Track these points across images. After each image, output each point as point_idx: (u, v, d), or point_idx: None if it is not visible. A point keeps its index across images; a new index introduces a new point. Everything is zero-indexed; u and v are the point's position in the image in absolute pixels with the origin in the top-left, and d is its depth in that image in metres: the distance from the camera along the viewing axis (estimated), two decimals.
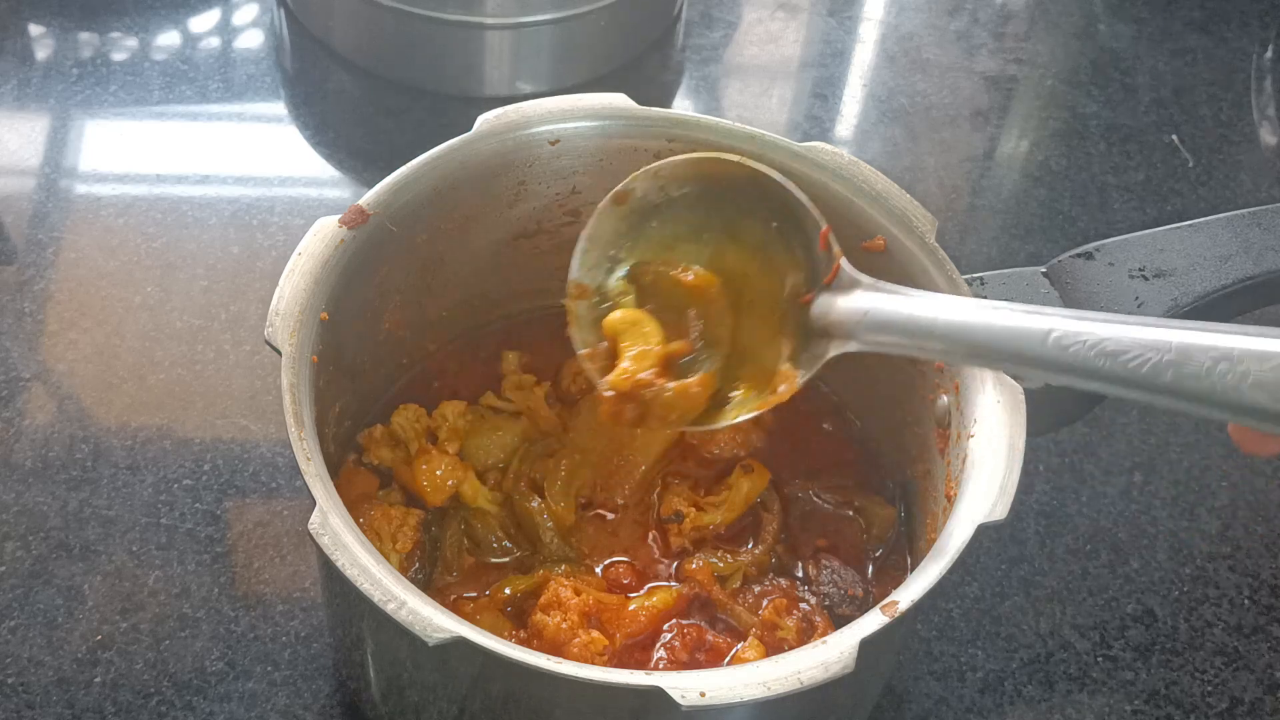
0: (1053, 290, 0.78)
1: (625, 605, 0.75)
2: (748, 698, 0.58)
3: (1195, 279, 0.77)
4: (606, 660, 0.72)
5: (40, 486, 0.88)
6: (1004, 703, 0.84)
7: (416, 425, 0.80)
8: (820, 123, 1.21)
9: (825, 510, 0.80)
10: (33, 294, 0.99)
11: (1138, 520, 0.93)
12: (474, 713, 0.67)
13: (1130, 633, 0.88)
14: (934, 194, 1.15)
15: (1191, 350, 0.56)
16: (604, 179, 0.83)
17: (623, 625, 0.74)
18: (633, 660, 0.74)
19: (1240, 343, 0.55)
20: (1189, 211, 1.15)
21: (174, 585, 0.84)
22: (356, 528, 0.63)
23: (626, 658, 0.74)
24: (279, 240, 1.04)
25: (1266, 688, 0.86)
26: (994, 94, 1.25)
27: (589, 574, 0.77)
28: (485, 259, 0.84)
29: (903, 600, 0.63)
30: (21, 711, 0.78)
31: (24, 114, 1.12)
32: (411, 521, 0.76)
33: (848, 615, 0.74)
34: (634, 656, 0.74)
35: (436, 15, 1.11)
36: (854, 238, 0.79)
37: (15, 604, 0.82)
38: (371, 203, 0.75)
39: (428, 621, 0.59)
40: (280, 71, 1.19)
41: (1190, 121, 1.24)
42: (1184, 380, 0.56)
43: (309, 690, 0.80)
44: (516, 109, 0.80)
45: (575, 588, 0.73)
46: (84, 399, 0.93)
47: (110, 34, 1.20)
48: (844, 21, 1.31)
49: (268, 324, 0.69)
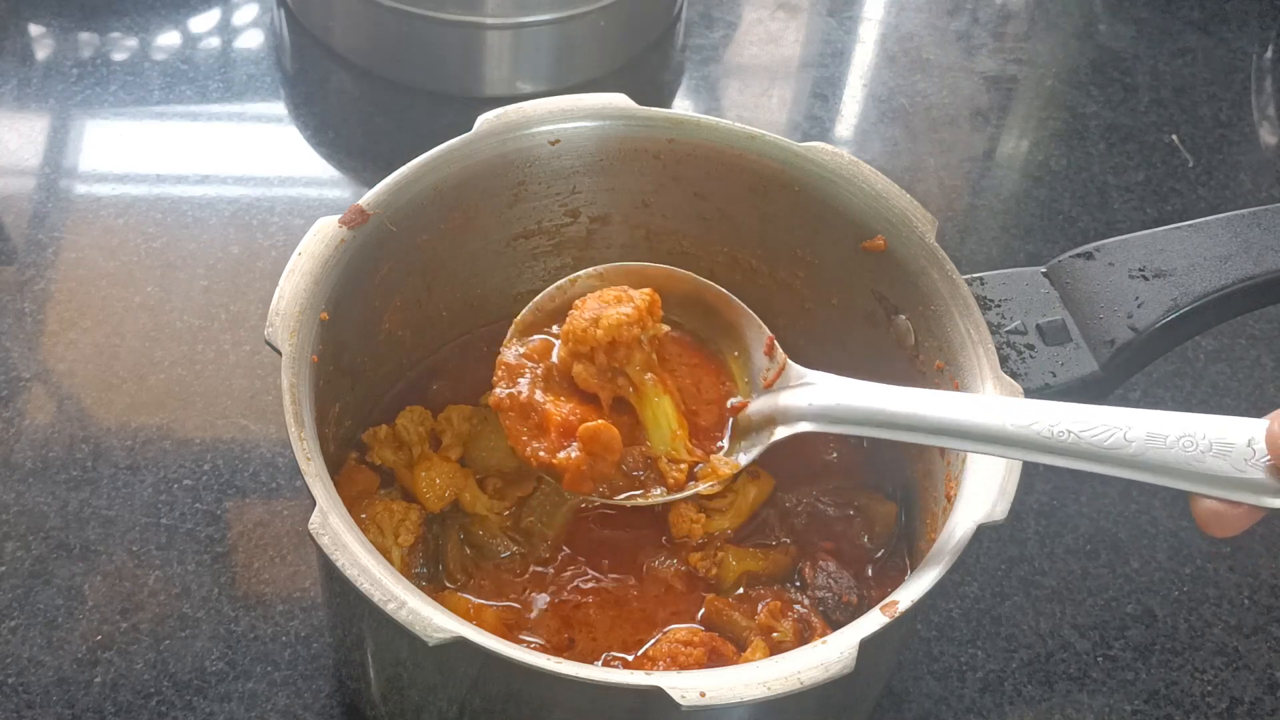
0: (1053, 290, 0.78)
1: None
2: (748, 698, 0.58)
3: (1195, 279, 0.77)
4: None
5: (40, 486, 0.88)
6: (1004, 703, 0.84)
7: (420, 428, 0.80)
8: (820, 123, 1.21)
9: (827, 513, 0.80)
10: (33, 294, 0.99)
11: (1138, 520, 0.93)
12: (474, 713, 0.67)
13: (1130, 633, 0.88)
14: (934, 194, 1.15)
15: (1154, 425, 0.59)
16: (604, 179, 0.83)
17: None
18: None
19: (1199, 421, 0.59)
20: (1189, 211, 1.15)
21: (174, 585, 0.84)
22: (357, 528, 0.63)
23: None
24: (279, 240, 1.04)
25: (1266, 688, 0.86)
26: (994, 94, 1.25)
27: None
28: (485, 259, 0.84)
29: (903, 600, 0.63)
30: (21, 711, 0.78)
31: (24, 114, 1.12)
32: (414, 516, 0.76)
33: (842, 621, 0.74)
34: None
35: (436, 15, 1.11)
36: (854, 238, 0.79)
37: (15, 604, 0.82)
38: (371, 203, 0.75)
39: (428, 621, 0.59)
40: (280, 71, 1.19)
41: (1190, 121, 1.24)
42: (1147, 452, 0.59)
43: (309, 690, 0.80)
44: (516, 109, 0.80)
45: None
46: (84, 399, 0.93)
47: (110, 34, 1.20)
48: (844, 21, 1.31)
49: (268, 324, 0.69)
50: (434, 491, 0.78)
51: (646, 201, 0.84)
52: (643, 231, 0.86)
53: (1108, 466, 0.60)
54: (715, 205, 0.84)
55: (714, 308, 0.78)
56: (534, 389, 0.73)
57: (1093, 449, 0.60)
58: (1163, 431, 0.59)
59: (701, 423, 0.75)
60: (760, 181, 0.81)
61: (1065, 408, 0.62)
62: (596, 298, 0.74)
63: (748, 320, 0.77)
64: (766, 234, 0.83)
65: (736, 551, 0.78)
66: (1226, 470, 0.58)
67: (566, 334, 0.73)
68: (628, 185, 0.84)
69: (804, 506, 0.80)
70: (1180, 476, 0.59)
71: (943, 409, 0.65)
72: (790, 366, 0.74)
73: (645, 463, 0.73)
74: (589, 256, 0.87)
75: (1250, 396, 1.01)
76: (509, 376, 0.74)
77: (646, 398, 0.73)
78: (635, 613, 0.76)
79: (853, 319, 0.82)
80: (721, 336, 0.78)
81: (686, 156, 0.82)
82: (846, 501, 0.81)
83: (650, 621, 0.76)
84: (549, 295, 0.77)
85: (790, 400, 0.72)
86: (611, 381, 0.73)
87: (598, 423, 0.71)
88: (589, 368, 0.73)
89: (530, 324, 0.76)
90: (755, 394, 0.75)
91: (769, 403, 0.73)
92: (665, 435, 0.73)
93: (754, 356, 0.76)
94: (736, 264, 0.86)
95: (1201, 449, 0.58)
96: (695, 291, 0.78)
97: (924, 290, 0.76)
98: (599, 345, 0.72)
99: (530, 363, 0.74)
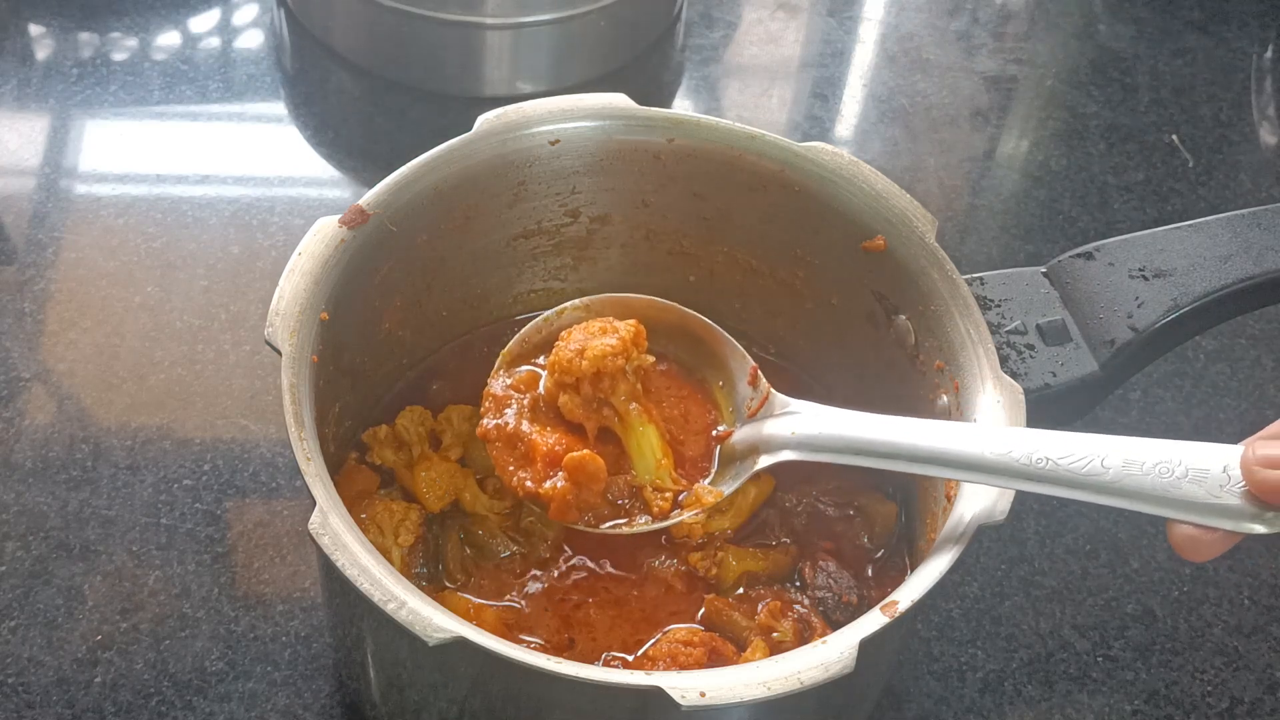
0: (1053, 290, 0.78)
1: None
2: (748, 698, 0.58)
3: (1195, 279, 0.77)
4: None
5: (40, 486, 0.88)
6: (1004, 703, 0.84)
7: (420, 428, 0.80)
8: (820, 123, 1.21)
9: (827, 513, 0.80)
10: (33, 294, 0.99)
11: (1138, 520, 0.93)
12: (474, 713, 0.67)
13: (1130, 633, 0.88)
14: (934, 194, 1.15)
15: (1130, 452, 0.60)
16: (604, 179, 0.83)
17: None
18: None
19: (1175, 448, 0.60)
20: (1189, 211, 1.15)
21: (174, 585, 0.84)
22: (357, 528, 0.63)
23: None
24: (279, 240, 1.04)
25: (1266, 688, 0.86)
26: (994, 94, 1.25)
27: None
28: (485, 259, 0.84)
29: (903, 600, 0.63)
30: (21, 711, 0.78)
31: (24, 114, 1.12)
32: (414, 516, 0.76)
33: (842, 621, 0.74)
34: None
35: (436, 15, 1.11)
36: (854, 238, 0.79)
37: (15, 604, 0.82)
38: (371, 203, 0.75)
39: (428, 621, 0.59)
40: (280, 71, 1.19)
41: (1190, 121, 1.24)
42: (1124, 479, 0.60)
43: (309, 690, 0.80)
44: (516, 109, 0.80)
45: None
46: (84, 399, 0.93)
47: (110, 34, 1.20)
48: (844, 21, 1.31)
49: (268, 324, 0.69)
50: (434, 491, 0.78)
51: (646, 201, 0.84)
52: (643, 231, 0.86)
53: (1086, 493, 0.61)
54: (715, 205, 0.84)
55: (699, 338, 0.79)
56: (520, 419, 0.74)
57: (1070, 476, 0.61)
58: (1139, 458, 0.60)
59: (688, 451, 0.76)
60: (760, 181, 0.81)
61: (1044, 435, 0.63)
62: (582, 329, 0.75)
63: (731, 350, 0.78)
64: (766, 234, 0.83)
65: (736, 551, 0.78)
66: (1202, 496, 0.59)
67: (553, 365, 0.74)
68: (628, 185, 0.84)
69: (804, 506, 0.80)
70: (1157, 502, 0.60)
71: (923, 438, 0.66)
72: (774, 396, 0.75)
73: (630, 491, 0.74)
74: (589, 256, 0.87)
75: (1250, 396, 1.01)
76: (496, 407, 0.75)
77: (631, 427, 0.74)
78: (635, 613, 0.76)
79: (853, 319, 0.82)
80: (706, 366, 0.79)
81: (686, 156, 0.82)
82: (846, 501, 0.81)
83: (650, 621, 0.76)
84: (535, 327, 0.78)
85: (774, 429, 0.73)
86: (597, 412, 0.74)
87: (583, 453, 0.72)
88: (574, 398, 0.74)
89: (517, 355, 0.78)
90: (739, 423, 0.76)
91: (753, 431, 0.75)
92: (650, 464, 0.74)
93: (738, 386, 0.77)
94: (736, 264, 0.86)
95: (1177, 475, 0.59)
96: (680, 322, 0.79)
97: (924, 290, 0.76)
98: (584, 376, 0.73)
99: (517, 393, 0.76)
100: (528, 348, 0.78)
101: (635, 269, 0.87)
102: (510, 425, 0.74)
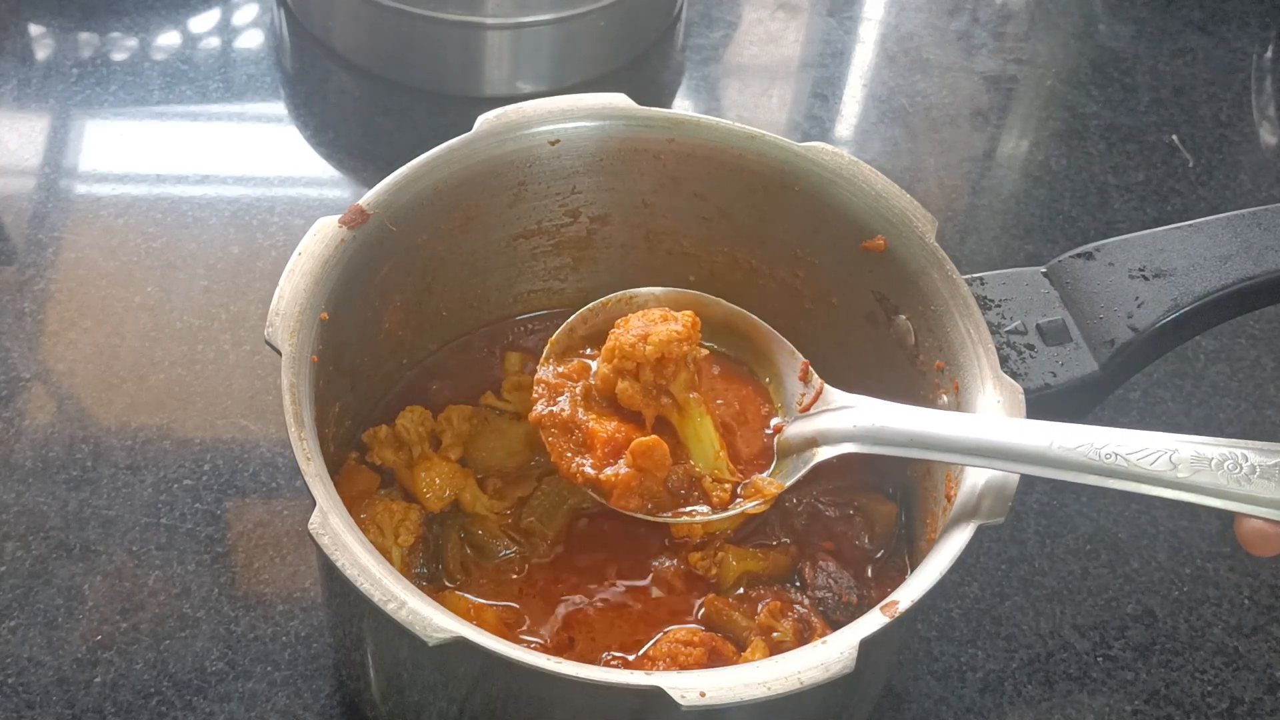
0: (1053, 290, 0.78)
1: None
2: (748, 698, 0.58)
3: (1195, 279, 0.77)
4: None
5: (40, 486, 0.88)
6: (1004, 703, 0.84)
7: (420, 429, 0.80)
8: (820, 123, 1.21)
9: (827, 513, 0.80)
10: (33, 294, 0.99)
11: (1138, 520, 0.93)
12: (474, 713, 0.67)
13: (1130, 633, 0.88)
14: (934, 194, 1.15)
15: (1198, 449, 0.62)
16: (604, 179, 0.83)
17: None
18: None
19: (1241, 446, 0.61)
20: (1189, 211, 1.15)
21: (174, 585, 0.84)
22: (357, 528, 0.63)
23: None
24: (279, 240, 1.04)
25: (1266, 688, 0.86)
26: (994, 94, 1.25)
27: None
28: (485, 259, 0.84)
29: (903, 600, 0.63)
30: (21, 711, 0.78)
31: (24, 114, 1.12)
32: (414, 516, 0.76)
33: (842, 621, 0.74)
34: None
35: (436, 15, 1.11)
36: (854, 238, 0.79)
37: (15, 604, 0.82)
38: (371, 203, 0.75)
39: (428, 621, 0.59)
40: (280, 71, 1.19)
41: (1190, 121, 1.24)
42: (1196, 475, 0.61)
43: (309, 690, 0.80)
44: (516, 109, 0.80)
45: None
46: (84, 399, 0.93)
47: (110, 34, 1.20)
48: (844, 21, 1.31)
49: (268, 324, 0.69)
50: (434, 491, 0.78)
51: (646, 201, 0.84)
52: (643, 231, 0.86)
53: (1156, 488, 0.62)
54: (715, 205, 0.84)
55: (745, 334, 0.79)
56: (575, 407, 0.74)
57: (1142, 472, 0.62)
58: (1206, 455, 0.61)
59: (742, 445, 0.76)
60: (760, 181, 0.81)
61: (1110, 432, 0.64)
62: (640, 317, 0.75)
63: (779, 345, 0.78)
64: (766, 234, 0.83)
65: (736, 551, 0.78)
66: (1273, 492, 0.60)
67: (611, 351, 0.74)
68: (628, 185, 0.84)
69: (804, 506, 0.80)
70: (1229, 498, 0.61)
71: (989, 432, 0.66)
72: (828, 390, 0.75)
73: (689, 481, 0.74)
74: (589, 256, 0.87)
75: (1250, 396, 1.01)
76: (550, 394, 0.75)
77: (690, 416, 0.74)
78: (635, 612, 0.76)
79: (853, 319, 0.82)
80: (753, 362, 0.79)
81: (686, 156, 0.82)
82: (846, 501, 0.81)
83: (650, 621, 0.76)
84: (581, 317, 0.78)
85: (832, 423, 0.73)
86: (655, 399, 0.74)
87: (650, 438, 0.72)
88: (634, 385, 0.73)
89: (566, 346, 0.77)
90: (790, 418, 0.76)
91: (808, 425, 0.75)
92: (708, 454, 0.74)
93: (787, 382, 0.77)
94: (736, 264, 0.86)
95: (1245, 471, 0.60)
96: (726, 318, 0.79)
97: (924, 290, 0.76)
98: (647, 361, 0.73)
99: (570, 381, 0.75)
100: (575, 339, 0.78)
101: (635, 269, 0.87)
102: (565, 412, 0.74)
